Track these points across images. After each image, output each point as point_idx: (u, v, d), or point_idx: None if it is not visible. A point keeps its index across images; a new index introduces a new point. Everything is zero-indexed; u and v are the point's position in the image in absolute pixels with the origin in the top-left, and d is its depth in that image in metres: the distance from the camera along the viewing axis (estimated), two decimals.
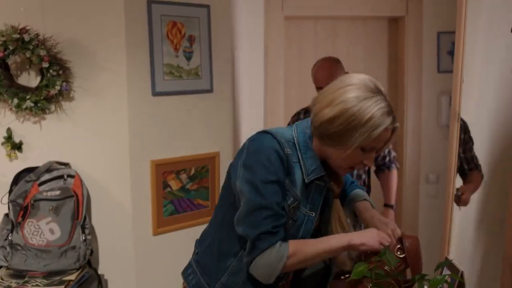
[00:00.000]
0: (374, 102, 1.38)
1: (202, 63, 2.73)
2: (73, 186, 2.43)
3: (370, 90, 1.40)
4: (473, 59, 1.78)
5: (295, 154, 1.47)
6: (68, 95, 2.49)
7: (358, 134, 1.38)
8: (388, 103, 1.41)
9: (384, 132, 1.39)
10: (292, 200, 1.46)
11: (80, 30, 2.46)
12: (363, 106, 1.37)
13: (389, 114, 1.40)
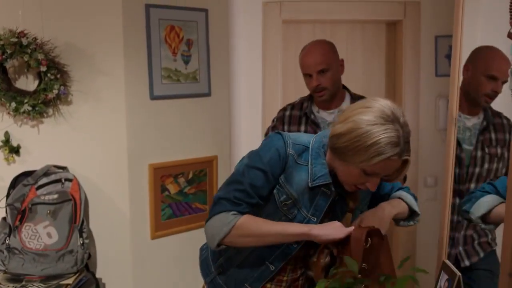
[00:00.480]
0: (383, 129, 1.38)
1: (200, 67, 2.73)
2: (70, 190, 2.43)
3: (385, 117, 1.40)
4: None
5: (305, 157, 1.53)
6: (66, 98, 2.49)
7: (359, 156, 1.40)
8: (399, 134, 1.40)
9: (387, 161, 1.39)
10: (284, 197, 1.54)
11: (78, 34, 2.46)
12: (371, 131, 1.38)
13: (397, 145, 1.39)
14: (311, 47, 2.39)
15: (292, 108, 2.49)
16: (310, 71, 2.33)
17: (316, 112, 2.43)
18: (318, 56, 2.32)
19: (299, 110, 2.46)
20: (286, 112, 2.49)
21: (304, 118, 2.42)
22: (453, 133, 1.68)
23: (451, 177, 1.70)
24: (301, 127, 2.41)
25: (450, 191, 1.72)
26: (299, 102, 2.51)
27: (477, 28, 1.85)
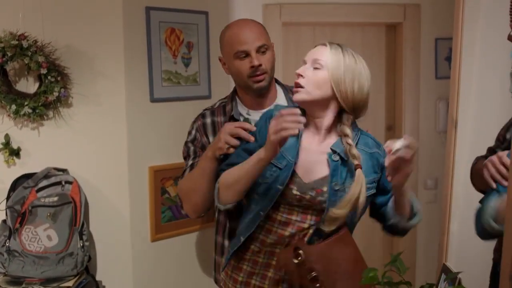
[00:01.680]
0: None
1: (200, 70, 2.73)
2: (71, 193, 2.43)
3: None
4: (471, 66, 1.78)
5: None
6: (66, 101, 2.49)
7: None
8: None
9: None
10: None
11: (78, 36, 2.46)
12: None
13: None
14: (243, 22, 1.95)
15: (213, 113, 2.03)
16: (247, 47, 1.84)
17: (246, 115, 1.97)
18: (256, 30, 1.89)
19: (222, 114, 2.02)
20: (206, 120, 2.03)
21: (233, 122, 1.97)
22: (453, 136, 1.68)
23: (451, 180, 1.70)
24: None
25: (450, 194, 1.71)
26: (219, 105, 2.06)
27: (477, 30, 1.85)
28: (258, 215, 1.65)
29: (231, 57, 1.87)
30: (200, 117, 2.05)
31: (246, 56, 1.85)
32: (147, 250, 2.61)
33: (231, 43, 1.86)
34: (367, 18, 3.25)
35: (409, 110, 3.34)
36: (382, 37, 3.40)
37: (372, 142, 1.69)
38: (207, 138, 2.00)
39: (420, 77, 3.32)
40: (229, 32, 1.90)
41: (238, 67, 1.87)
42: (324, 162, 1.61)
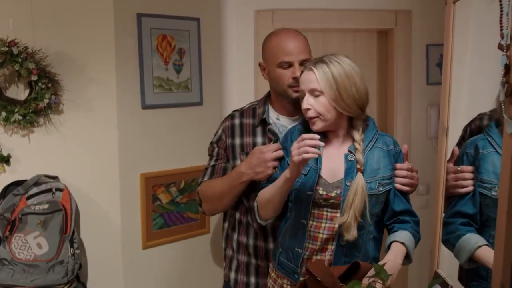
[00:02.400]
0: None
1: (192, 76, 2.72)
2: (61, 200, 2.41)
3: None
4: (462, 72, 1.78)
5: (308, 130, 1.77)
6: (57, 108, 2.47)
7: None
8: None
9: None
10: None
11: (69, 43, 2.45)
12: None
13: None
14: (291, 32, 1.96)
15: (242, 115, 2.04)
16: (292, 58, 1.87)
17: (275, 119, 2.01)
18: (301, 43, 1.92)
19: (251, 117, 2.03)
20: (235, 121, 2.03)
21: (260, 127, 2.00)
22: (444, 143, 1.68)
23: (442, 187, 1.70)
24: (257, 138, 1.99)
25: (442, 200, 1.72)
26: (249, 107, 2.08)
27: (468, 36, 1.86)
28: (300, 224, 1.72)
29: (273, 65, 1.92)
30: (229, 117, 2.09)
31: (289, 66, 1.90)
32: (139, 257, 2.60)
33: (276, 51, 1.90)
34: (359, 24, 3.25)
35: (401, 116, 3.34)
36: (373, 43, 3.39)
37: (390, 140, 1.80)
38: (232, 139, 2.02)
39: (411, 83, 3.32)
40: (276, 40, 1.93)
41: (280, 75, 1.91)
42: (343, 162, 1.72)
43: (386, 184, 1.73)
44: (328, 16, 3.20)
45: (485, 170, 1.62)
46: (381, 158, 1.72)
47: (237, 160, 2.00)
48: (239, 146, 2.01)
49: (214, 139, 2.10)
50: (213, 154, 2.09)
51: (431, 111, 3.34)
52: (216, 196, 2.00)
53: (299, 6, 3.15)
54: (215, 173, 2.05)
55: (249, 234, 2.01)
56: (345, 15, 3.21)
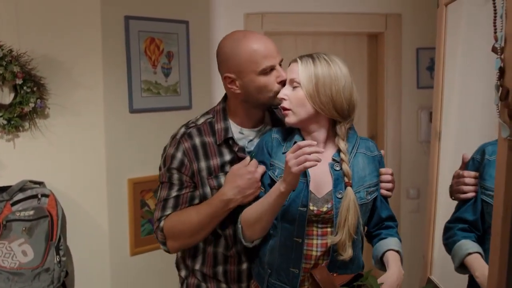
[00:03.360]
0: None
1: (180, 80, 2.71)
2: (47, 206, 2.37)
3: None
4: (453, 75, 1.77)
5: (285, 139, 1.67)
6: (43, 112, 2.45)
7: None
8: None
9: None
10: (278, 171, 1.62)
11: (55, 46, 2.42)
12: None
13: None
14: (255, 34, 1.76)
15: (200, 132, 1.76)
16: (274, 61, 1.69)
17: (238, 134, 1.78)
18: (273, 43, 1.74)
19: (210, 134, 1.76)
20: (195, 141, 1.74)
21: (224, 145, 1.75)
22: (437, 147, 1.66)
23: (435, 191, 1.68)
24: (224, 158, 1.74)
25: (434, 205, 1.70)
26: (204, 122, 1.79)
27: (459, 39, 1.85)
28: (294, 242, 1.62)
29: (254, 73, 1.68)
30: (185, 137, 1.75)
31: (271, 70, 1.70)
32: (127, 264, 2.57)
33: (255, 58, 1.67)
34: (349, 28, 3.26)
35: (391, 119, 3.35)
36: (364, 47, 3.41)
37: (373, 145, 1.72)
38: (198, 163, 1.72)
39: (401, 87, 3.33)
40: (249, 46, 1.68)
41: (265, 83, 1.69)
42: (329, 173, 1.63)
43: (373, 192, 1.66)
44: (318, 19, 3.20)
45: (489, 176, 1.58)
46: (366, 164, 1.65)
47: (206, 186, 1.73)
48: (206, 170, 1.72)
49: (172, 164, 1.73)
50: (173, 181, 1.74)
51: (421, 114, 3.36)
52: (191, 231, 1.71)
53: (289, 10, 3.15)
54: (181, 204, 1.73)
55: (218, 262, 1.80)
56: (335, 18, 3.22)
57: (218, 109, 1.80)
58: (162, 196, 1.75)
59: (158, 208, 1.75)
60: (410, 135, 3.38)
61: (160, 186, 1.77)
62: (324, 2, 3.19)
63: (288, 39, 3.29)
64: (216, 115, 1.78)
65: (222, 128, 1.74)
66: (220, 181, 1.71)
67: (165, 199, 1.74)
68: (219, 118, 1.77)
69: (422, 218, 3.18)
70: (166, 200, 1.74)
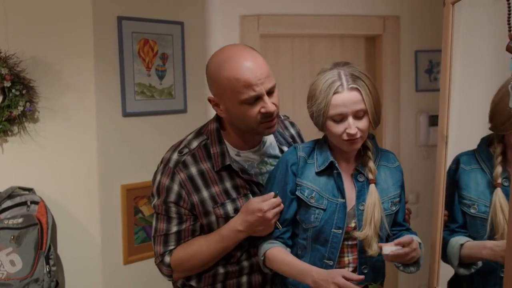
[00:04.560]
0: (323, 76, 1.54)
1: (175, 83, 2.70)
2: (37, 214, 2.34)
3: (324, 69, 1.58)
4: (460, 77, 1.72)
5: (312, 155, 1.65)
6: (32, 116, 2.42)
7: (318, 108, 1.54)
8: (339, 72, 1.54)
9: (338, 96, 1.52)
10: (308, 191, 1.60)
11: (45, 47, 2.40)
12: (315, 82, 1.56)
13: (336, 81, 1.52)
14: (244, 53, 1.55)
15: (195, 159, 1.63)
16: (259, 90, 1.52)
17: (235, 156, 1.67)
18: (263, 65, 1.55)
19: (206, 159, 1.64)
20: (191, 170, 1.62)
21: (225, 171, 1.64)
22: (444, 153, 1.61)
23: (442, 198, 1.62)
24: (225, 184, 1.64)
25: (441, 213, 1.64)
26: (198, 146, 1.66)
27: (465, 40, 1.80)
28: (323, 264, 1.59)
29: (235, 102, 1.54)
30: (180, 167, 1.62)
31: (256, 99, 1.54)
32: (120, 273, 2.54)
33: (236, 86, 1.51)
34: (347, 30, 3.25)
35: (390, 123, 3.34)
36: (361, 49, 3.40)
37: (393, 156, 1.72)
38: (198, 195, 1.61)
39: (400, 90, 3.32)
40: (232, 70, 1.51)
41: (246, 113, 1.55)
42: (353, 184, 1.61)
43: (397, 203, 1.66)
44: (315, 21, 3.19)
45: (465, 185, 1.62)
46: (388, 176, 1.65)
47: (211, 215, 1.63)
48: (210, 199, 1.62)
49: (168, 197, 1.62)
50: (171, 215, 1.64)
51: (420, 118, 3.35)
52: (202, 264, 1.64)
53: (285, 11, 3.14)
54: (183, 238, 1.65)
55: (216, 280, 1.70)
56: (332, 20, 3.21)
57: (212, 130, 1.68)
58: (161, 229, 1.67)
59: (159, 242, 1.68)
60: (409, 139, 3.36)
61: (156, 216, 1.69)
62: (321, 4, 3.17)
63: (285, 42, 3.28)
64: (210, 136, 1.66)
65: (218, 153, 1.63)
66: (226, 209, 1.63)
67: (165, 234, 1.66)
68: (214, 141, 1.65)
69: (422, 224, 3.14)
70: (166, 235, 1.66)
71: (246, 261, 1.69)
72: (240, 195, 1.64)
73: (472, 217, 1.62)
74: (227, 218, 1.63)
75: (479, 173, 1.62)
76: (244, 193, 1.65)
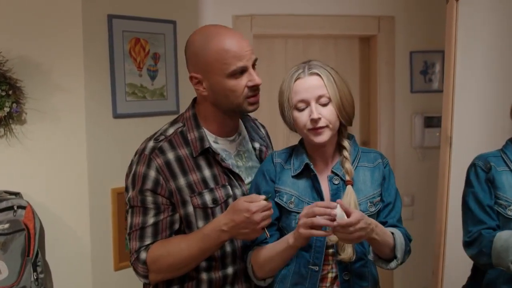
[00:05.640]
0: (289, 72, 1.57)
1: (167, 83, 2.69)
2: (24, 219, 2.29)
3: (293, 67, 1.58)
4: (463, 77, 1.69)
5: (289, 161, 1.64)
6: (19, 117, 2.38)
7: (283, 99, 1.56)
8: (300, 64, 1.56)
9: (299, 83, 1.53)
10: (286, 196, 1.58)
11: (33, 46, 2.37)
12: (283, 79, 1.58)
13: (297, 70, 1.54)
14: (228, 30, 1.61)
15: (172, 145, 1.59)
16: (246, 62, 1.55)
17: (213, 143, 1.63)
18: (246, 40, 1.60)
19: (183, 145, 1.60)
20: (168, 156, 1.57)
21: (202, 157, 1.59)
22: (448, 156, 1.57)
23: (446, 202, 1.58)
24: (204, 172, 1.59)
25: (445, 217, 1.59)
26: (174, 132, 1.62)
27: (469, 38, 1.77)
28: (309, 270, 1.55)
29: (222, 75, 1.54)
30: (157, 152, 1.57)
31: (242, 72, 1.56)
32: (110, 280, 2.52)
33: (225, 57, 1.52)
34: (341, 30, 3.26)
35: (384, 125, 3.35)
36: (356, 50, 3.41)
37: (374, 155, 1.66)
38: (175, 181, 1.55)
39: (395, 91, 3.34)
40: (219, 43, 1.53)
41: (234, 87, 1.55)
42: (328, 186, 1.57)
43: (377, 203, 1.58)
44: (309, 21, 3.19)
45: (502, 185, 1.57)
46: (367, 177, 1.60)
47: (188, 205, 1.56)
48: (188, 188, 1.55)
49: (145, 184, 1.55)
50: (148, 205, 1.56)
51: (415, 120, 3.36)
52: (181, 264, 1.55)
53: (279, 12, 3.14)
54: (160, 232, 1.56)
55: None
56: (326, 20, 3.21)
57: (188, 116, 1.64)
58: (137, 223, 1.56)
59: (134, 238, 1.56)
60: (404, 141, 3.37)
61: (131, 211, 1.58)
62: (315, 4, 3.17)
63: (278, 42, 3.28)
64: (187, 122, 1.63)
65: (197, 138, 1.59)
66: (204, 198, 1.56)
67: (141, 228, 1.56)
68: (191, 126, 1.61)
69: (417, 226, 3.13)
70: (142, 228, 1.56)
71: (231, 267, 1.62)
72: (219, 185, 1.58)
73: (507, 219, 1.59)
74: (205, 210, 1.56)
75: (509, 175, 1.60)
76: (222, 184, 1.58)
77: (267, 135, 1.89)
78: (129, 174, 1.62)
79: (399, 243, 1.51)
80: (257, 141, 1.75)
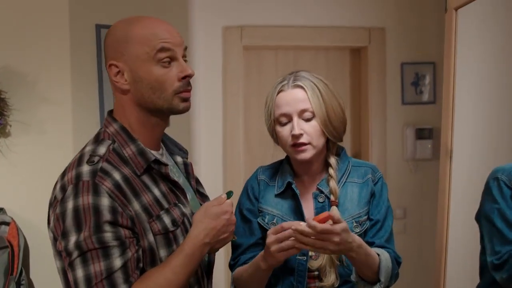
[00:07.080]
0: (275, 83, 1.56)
1: None
2: (7, 235, 2.25)
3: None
4: (462, 88, 1.66)
5: (274, 177, 1.61)
6: (3, 130, 2.36)
7: (265, 114, 1.55)
8: (284, 76, 1.53)
9: (282, 96, 1.50)
10: (268, 217, 1.55)
11: (18, 56, 2.37)
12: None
13: (281, 82, 1.52)
14: (150, 17, 1.38)
15: (112, 164, 1.28)
16: (176, 46, 1.32)
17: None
18: (177, 30, 1.38)
19: (122, 164, 1.30)
20: (114, 176, 1.25)
21: (146, 175, 1.32)
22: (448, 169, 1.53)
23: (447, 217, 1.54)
24: (153, 191, 1.31)
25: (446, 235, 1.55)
26: (107, 151, 1.31)
27: (468, 47, 1.75)
28: None
29: (148, 62, 1.31)
30: (101, 174, 1.24)
31: (170, 61, 1.32)
32: None
33: (152, 42, 1.30)
34: (332, 42, 3.25)
35: (376, 137, 3.33)
36: (346, 61, 3.39)
37: (365, 169, 1.58)
38: (132, 205, 1.26)
39: (386, 103, 3.32)
40: (145, 28, 1.32)
41: (161, 77, 1.31)
42: (312, 204, 1.52)
43: (364, 222, 1.51)
44: (299, 33, 3.19)
45: None
46: (355, 194, 1.53)
47: (149, 233, 1.28)
48: (144, 212, 1.28)
49: (99, 218, 1.21)
50: (109, 244, 1.21)
51: (407, 132, 3.33)
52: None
53: (269, 23, 3.14)
54: (131, 274, 1.23)
55: None
56: (317, 32, 3.21)
57: (114, 131, 1.35)
58: (99, 272, 1.20)
59: (107, 284, 1.21)
60: (396, 153, 3.34)
61: (82, 260, 1.20)
62: (306, 15, 3.16)
63: (268, 54, 3.27)
64: (116, 138, 1.34)
65: (135, 153, 1.32)
66: (164, 222, 1.30)
67: (107, 276, 1.20)
68: (123, 141, 1.33)
69: (409, 239, 3.08)
70: (109, 276, 1.20)
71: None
72: (171, 204, 1.33)
73: None
74: (167, 235, 1.31)
75: None
76: (174, 202, 1.34)
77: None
78: (61, 215, 1.24)
79: (384, 266, 1.43)
80: (177, 154, 1.52)
